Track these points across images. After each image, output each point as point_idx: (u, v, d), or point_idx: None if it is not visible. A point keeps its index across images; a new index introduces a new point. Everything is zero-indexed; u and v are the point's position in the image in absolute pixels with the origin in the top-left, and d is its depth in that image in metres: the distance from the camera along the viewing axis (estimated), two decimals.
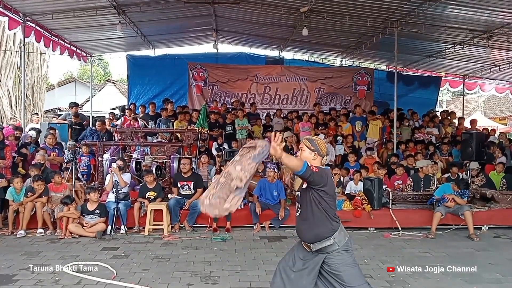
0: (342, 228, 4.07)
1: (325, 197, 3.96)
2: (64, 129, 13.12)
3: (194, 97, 17.73)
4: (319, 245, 3.98)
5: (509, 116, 29.13)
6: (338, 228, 4.02)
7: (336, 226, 4.01)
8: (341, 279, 3.96)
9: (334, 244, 3.96)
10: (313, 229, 4.01)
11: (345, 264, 3.98)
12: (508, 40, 12.81)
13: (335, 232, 3.98)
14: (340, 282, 3.96)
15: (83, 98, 26.16)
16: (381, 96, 18.39)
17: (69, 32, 14.84)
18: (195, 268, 6.63)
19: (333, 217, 4.02)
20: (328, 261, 4.00)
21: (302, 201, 4.12)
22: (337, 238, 3.97)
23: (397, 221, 9.30)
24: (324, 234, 3.98)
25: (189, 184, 9.65)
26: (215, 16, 15.61)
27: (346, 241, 4.03)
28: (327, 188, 3.95)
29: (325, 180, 3.93)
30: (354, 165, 11.75)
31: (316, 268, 4.04)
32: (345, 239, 4.02)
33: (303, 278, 4.04)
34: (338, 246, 3.97)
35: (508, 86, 19.69)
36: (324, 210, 3.98)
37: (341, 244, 3.99)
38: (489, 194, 10.01)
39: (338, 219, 4.09)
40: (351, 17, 12.77)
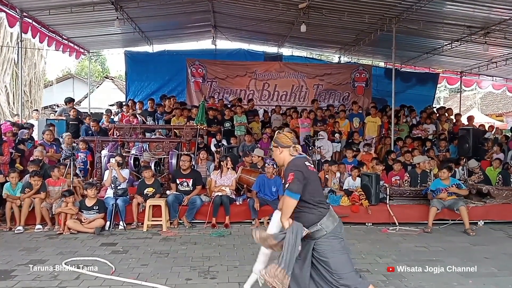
0: (331, 214, 4.15)
1: (308, 186, 4.09)
2: (62, 125, 13.12)
3: (192, 94, 17.73)
4: (309, 231, 4.06)
5: (505, 112, 29.21)
6: (326, 214, 4.11)
7: (323, 212, 4.11)
8: (328, 266, 4.03)
9: (322, 229, 4.05)
10: (300, 217, 4.11)
11: (333, 251, 4.05)
12: (505, 37, 12.89)
13: (323, 218, 4.07)
14: (328, 269, 4.04)
15: (81, 94, 26.17)
16: (379, 93, 18.44)
17: (66, 28, 14.87)
18: (194, 263, 6.64)
19: (319, 203, 4.14)
20: (316, 247, 4.08)
21: None
22: (325, 224, 4.06)
23: (394, 216, 9.34)
24: (311, 221, 4.08)
25: (188, 181, 9.65)
26: (214, 12, 15.63)
27: (335, 226, 4.10)
28: (306, 181, 4.09)
29: (301, 177, 4.07)
30: (352, 161, 11.80)
31: (308, 256, 4.13)
32: (333, 225, 4.09)
33: (299, 267, 4.13)
34: (326, 231, 4.04)
35: (505, 83, 19.77)
36: (308, 198, 4.10)
37: (329, 230, 4.06)
38: (485, 189, 10.04)
39: (326, 205, 4.20)
40: (349, 14, 12.81)
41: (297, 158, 4.29)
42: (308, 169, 4.19)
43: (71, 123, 13.33)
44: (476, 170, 10.99)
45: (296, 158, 4.29)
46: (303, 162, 4.22)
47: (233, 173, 9.96)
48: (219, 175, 9.85)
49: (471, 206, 9.51)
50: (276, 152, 4.43)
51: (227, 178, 9.80)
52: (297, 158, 4.29)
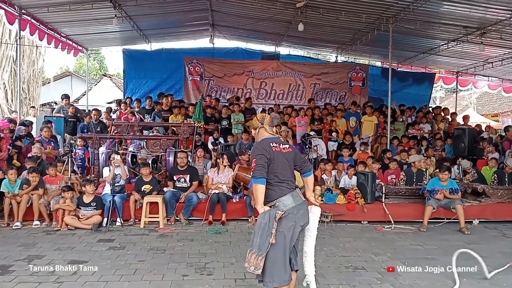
0: (293, 195, 4.32)
1: (271, 165, 4.30)
2: (60, 122, 13.16)
3: (190, 92, 17.77)
4: (268, 206, 4.24)
5: (501, 112, 29.30)
6: (287, 193, 4.28)
7: (285, 191, 4.29)
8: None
9: (279, 206, 4.22)
10: (266, 193, 4.27)
11: (280, 227, 4.14)
12: (501, 37, 12.96)
13: (283, 196, 4.25)
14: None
15: (79, 92, 26.18)
16: (376, 92, 18.55)
17: (64, 25, 14.89)
18: (191, 259, 6.68)
19: (282, 181, 4.31)
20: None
21: None
22: (283, 202, 4.24)
23: (389, 215, 9.38)
24: (271, 196, 4.27)
25: (185, 177, 9.73)
26: (212, 11, 15.66)
27: (293, 207, 4.24)
28: (270, 161, 4.29)
29: (263, 160, 4.26)
30: (348, 159, 11.87)
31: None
32: (292, 205, 4.24)
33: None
34: (283, 209, 4.19)
35: (500, 83, 19.84)
36: (270, 177, 4.28)
37: (286, 208, 4.20)
38: (480, 188, 10.12)
39: (290, 185, 4.37)
40: (346, 13, 12.85)
41: (264, 140, 4.49)
42: (273, 150, 4.33)
43: (69, 120, 13.37)
44: (469, 170, 11.06)
45: (264, 139, 4.50)
46: (268, 143, 4.39)
47: (230, 171, 10.01)
48: (216, 172, 9.89)
49: (466, 205, 9.57)
50: (254, 134, 4.72)
51: (224, 175, 9.84)
52: (264, 140, 4.49)
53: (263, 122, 4.60)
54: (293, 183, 4.40)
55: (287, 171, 4.39)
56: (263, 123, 4.59)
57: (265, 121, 4.60)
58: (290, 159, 4.44)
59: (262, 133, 4.58)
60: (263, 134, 4.56)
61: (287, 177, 4.36)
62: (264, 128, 4.57)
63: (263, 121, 4.60)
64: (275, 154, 4.31)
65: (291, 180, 4.40)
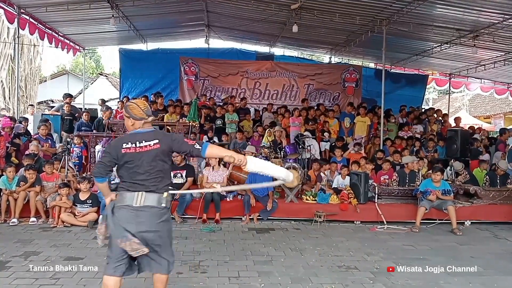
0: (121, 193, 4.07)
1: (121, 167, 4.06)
2: (56, 120, 13.23)
3: (185, 91, 17.84)
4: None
5: (493, 114, 29.42)
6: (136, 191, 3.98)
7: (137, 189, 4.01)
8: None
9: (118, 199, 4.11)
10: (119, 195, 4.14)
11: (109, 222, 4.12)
12: (494, 40, 13.03)
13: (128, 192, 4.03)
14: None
15: (75, 90, 26.10)
16: (369, 93, 18.61)
17: (62, 25, 14.92)
18: (185, 257, 6.73)
19: (133, 182, 4.02)
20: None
21: None
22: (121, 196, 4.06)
23: (382, 215, 9.46)
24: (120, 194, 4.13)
25: (182, 172, 9.85)
26: (207, 12, 15.73)
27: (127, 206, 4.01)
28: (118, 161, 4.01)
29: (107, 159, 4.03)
30: (340, 160, 11.96)
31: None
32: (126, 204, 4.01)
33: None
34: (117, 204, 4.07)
35: (493, 85, 19.96)
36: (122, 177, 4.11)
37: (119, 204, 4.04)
38: (472, 190, 10.21)
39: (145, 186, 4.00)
40: (340, 15, 12.92)
41: (124, 137, 4.16)
42: (122, 152, 3.97)
43: (65, 118, 13.44)
44: (461, 171, 11.18)
45: (125, 136, 4.17)
46: (121, 143, 4.01)
47: (224, 170, 10.09)
48: (210, 171, 9.98)
49: (459, 206, 9.66)
50: (128, 123, 4.16)
51: (219, 174, 9.91)
52: (124, 137, 4.16)
53: (130, 112, 4.07)
54: (154, 184, 4.01)
55: (150, 169, 3.98)
56: (130, 114, 4.06)
57: (134, 112, 4.06)
58: (154, 156, 3.97)
59: (129, 125, 4.14)
60: (130, 127, 4.13)
61: (141, 178, 3.97)
62: (130, 119, 4.08)
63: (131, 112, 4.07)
64: (125, 156, 3.95)
65: (148, 180, 3.99)
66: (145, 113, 4.07)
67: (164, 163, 4.08)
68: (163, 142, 4.00)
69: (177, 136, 4.14)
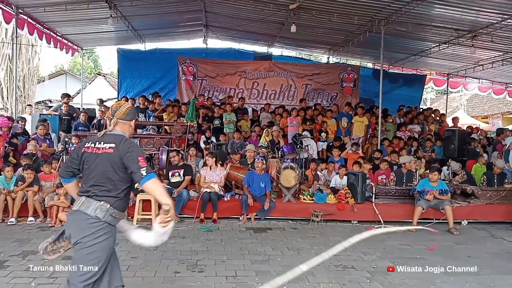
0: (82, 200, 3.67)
1: (84, 170, 3.73)
2: (54, 120, 13.27)
3: (183, 91, 17.86)
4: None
5: (491, 114, 29.45)
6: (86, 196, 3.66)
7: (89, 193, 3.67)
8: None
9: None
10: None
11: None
12: (492, 40, 13.04)
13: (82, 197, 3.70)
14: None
15: (73, 90, 26.13)
16: (367, 93, 18.63)
17: (60, 25, 14.96)
18: (182, 256, 6.76)
19: (91, 186, 3.66)
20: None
21: None
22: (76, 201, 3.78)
23: (379, 215, 9.51)
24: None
25: (180, 171, 9.92)
26: (205, 12, 15.74)
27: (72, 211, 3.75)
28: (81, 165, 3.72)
29: (70, 160, 3.81)
30: (338, 159, 11.98)
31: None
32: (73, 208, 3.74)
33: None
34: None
35: (490, 85, 19.98)
36: (83, 178, 3.77)
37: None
38: (469, 190, 10.24)
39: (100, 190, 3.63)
40: (339, 15, 12.94)
41: (94, 136, 3.83)
42: (82, 150, 3.72)
43: (63, 118, 13.46)
44: (458, 171, 11.21)
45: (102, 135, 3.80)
46: (85, 142, 3.78)
47: (222, 170, 10.11)
48: (208, 170, 10.00)
49: (456, 206, 9.69)
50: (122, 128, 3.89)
51: (216, 174, 9.94)
52: (94, 136, 3.83)
53: (115, 113, 3.82)
54: (99, 190, 3.62)
55: (99, 174, 3.64)
56: (114, 115, 3.81)
57: (117, 112, 3.82)
58: (106, 160, 3.62)
59: (130, 126, 3.91)
60: (130, 127, 3.91)
61: (91, 183, 3.65)
62: (109, 120, 3.85)
63: (115, 113, 3.82)
64: (83, 155, 3.69)
65: (95, 186, 3.63)
66: (112, 113, 3.82)
67: (115, 172, 3.61)
68: (117, 149, 3.61)
69: (133, 151, 3.60)
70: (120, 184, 3.67)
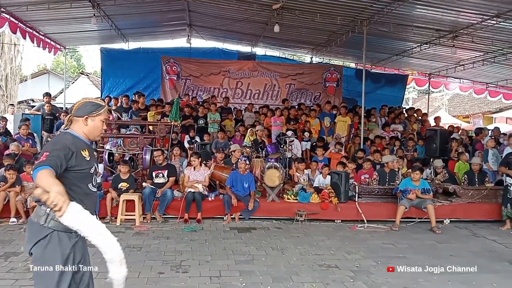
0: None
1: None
2: (37, 120, 13.15)
3: (167, 91, 17.82)
4: None
5: (472, 114, 29.74)
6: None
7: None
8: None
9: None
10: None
11: None
12: (473, 40, 13.15)
13: None
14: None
15: (56, 90, 25.91)
16: (350, 93, 18.77)
17: (43, 24, 14.77)
18: (166, 257, 6.75)
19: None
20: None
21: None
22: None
23: (362, 214, 9.57)
24: None
25: (163, 172, 9.86)
26: (189, 11, 15.69)
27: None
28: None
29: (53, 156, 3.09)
30: (322, 159, 12.04)
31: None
32: None
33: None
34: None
35: (471, 85, 20.13)
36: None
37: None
38: (451, 189, 10.34)
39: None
40: (321, 15, 12.98)
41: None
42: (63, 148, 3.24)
43: (46, 118, 13.36)
44: (439, 170, 11.33)
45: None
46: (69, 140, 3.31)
47: (206, 169, 10.11)
48: (192, 170, 9.99)
49: (438, 204, 9.80)
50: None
51: (200, 174, 9.94)
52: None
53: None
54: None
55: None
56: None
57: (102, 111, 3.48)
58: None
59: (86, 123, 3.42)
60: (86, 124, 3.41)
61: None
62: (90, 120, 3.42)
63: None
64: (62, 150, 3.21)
65: None
66: (88, 111, 3.42)
67: None
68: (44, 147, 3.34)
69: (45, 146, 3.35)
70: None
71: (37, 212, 3.16)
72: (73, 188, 3.19)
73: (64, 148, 3.15)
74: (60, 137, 3.33)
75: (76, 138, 3.33)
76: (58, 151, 3.10)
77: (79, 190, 3.25)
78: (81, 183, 3.28)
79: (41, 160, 2.99)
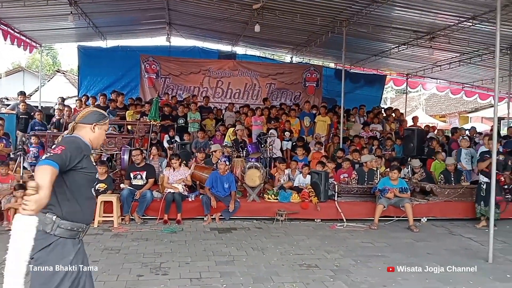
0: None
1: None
2: (11, 119, 12.95)
3: (146, 90, 17.69)
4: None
5: (448, 113, 30.16)
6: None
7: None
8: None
9: None
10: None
11: None
12: (449, 42, 13.39)
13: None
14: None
15: (31, 88, 25.51)
16: (329, 93, 18.89)
17: (18, 21, 14.52)
18: (146, 259, 6.68)
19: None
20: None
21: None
22: None
23: (342, 213, 9.63)
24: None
25: (142, 173, 9.70)
26: (168, 10, 15.59)
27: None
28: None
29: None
30: (302, 158, 12.08)
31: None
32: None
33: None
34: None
35: (448, 85, 20.41)
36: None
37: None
38: (428, 187, 10.47)
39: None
40: (301, 16, 13.00)
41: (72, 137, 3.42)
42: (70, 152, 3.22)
43: (21, 117, 13.16)
44: (417, 169, 11.45)
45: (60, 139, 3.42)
46: (77, 142, 3.35)
47: (186, 170, 10.06)
48: (171, 171, 9.93)
49: (415, 203, 9.90)
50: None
51: (180, 174, 9.88)
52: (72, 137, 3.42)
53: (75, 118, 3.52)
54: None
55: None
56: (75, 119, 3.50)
57: (78, 117, 3.50)
58: None
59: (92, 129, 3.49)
60: (92, 130, 3.48)
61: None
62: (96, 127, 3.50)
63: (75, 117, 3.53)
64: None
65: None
66: (73, 118, 3.55)
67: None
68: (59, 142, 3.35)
69: (62, 142, 3.24)
70: (56, 191, 3.10)
71: (43, 220, 3.07)
72: (81, 190, 3.29)
73: (78, 148, 3.24)
74: (73, 139, 3.37)
75: (84, 143, 3.40)
76: (73, 150, 3.17)
77: (84, 193, 3.33)
78: (87, 187, 3.39)
79: (55, 153, 3.04)
